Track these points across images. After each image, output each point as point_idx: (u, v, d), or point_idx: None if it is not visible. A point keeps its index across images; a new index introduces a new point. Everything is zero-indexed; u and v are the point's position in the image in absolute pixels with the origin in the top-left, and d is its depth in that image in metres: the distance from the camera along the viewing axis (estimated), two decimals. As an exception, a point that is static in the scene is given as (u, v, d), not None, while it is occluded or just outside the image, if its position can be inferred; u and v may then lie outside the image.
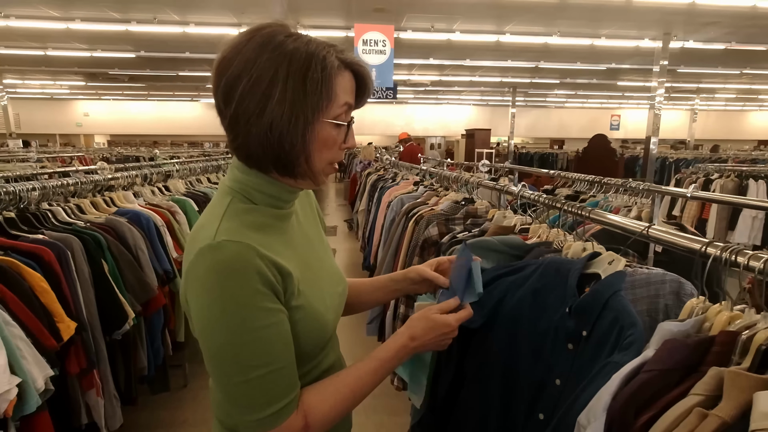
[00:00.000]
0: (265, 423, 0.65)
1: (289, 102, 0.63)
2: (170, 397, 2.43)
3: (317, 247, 0.83)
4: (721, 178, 4.64)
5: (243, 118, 0.65)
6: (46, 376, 1.24)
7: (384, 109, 17.83)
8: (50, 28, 6.93)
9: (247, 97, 0.63)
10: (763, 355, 0.58)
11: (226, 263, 0.62)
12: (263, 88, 0.63)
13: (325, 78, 0.65)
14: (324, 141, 0.68)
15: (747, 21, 6.70)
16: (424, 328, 0.78)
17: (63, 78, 12.41)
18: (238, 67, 0.64)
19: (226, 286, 0.62)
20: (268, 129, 0.64)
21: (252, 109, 0.64)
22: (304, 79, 0.64)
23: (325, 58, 0.65)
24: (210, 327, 0.64)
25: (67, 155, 7.11)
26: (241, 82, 0.63)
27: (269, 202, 0.72)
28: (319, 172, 0.71)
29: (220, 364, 0.65)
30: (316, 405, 0.70)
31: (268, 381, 0.65)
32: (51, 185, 1.92)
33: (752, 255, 0.62)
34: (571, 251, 1.05)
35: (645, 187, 1.71)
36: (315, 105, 0.65)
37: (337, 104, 0.68)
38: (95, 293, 1.63)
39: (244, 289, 0.63)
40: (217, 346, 0.64)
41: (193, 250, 0.65)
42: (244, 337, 0.63)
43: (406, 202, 2.36)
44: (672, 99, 16.47)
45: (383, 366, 0.76)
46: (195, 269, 0.64)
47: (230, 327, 0.63)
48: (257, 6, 6.22)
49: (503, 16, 6.69)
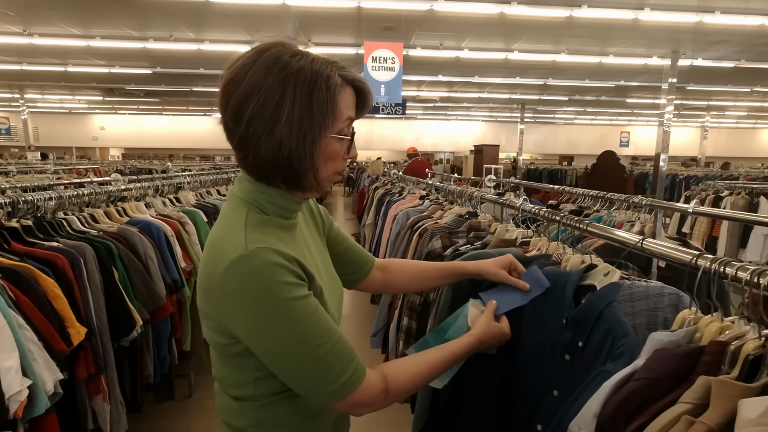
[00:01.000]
0: (347, 387, 0.70)
1: (297, 121, 0.67)
2: (175, 407, 2.45)
3: (317, 255, 0.86)
4: (732, 195, 4.59)
5: (253, 138, 0.68)
6: (56, 379, 1.27)
7: (393, 125, 18.01)
8: (71, 45, 7.18)
9: (256, 117, 0.67)
10: (750, 364, 0.59)
11: (262, 268, 0.66)
12: (272, 108, 0.66)
13: (329, 96, 0.69)
14: (329, 154, 0.73)
15: (756, 39, 6.71)
16: (489, 335, 0.91)
17: (81, 93, 12.79)
18: (246, 89, 0.67)
19: (268, 288, 0.66)
20: (277, 147, 0.68)
21: (261, 129, 0.67)
22: (311, 99, 0.67)
23: (329, 77, 0.69)
24: (266, 329, 0.67)
25: (83, 167, 7.29)
26: (250, 104, 0.66)
27: (279, 213, 0.75)
28: (324, 183, 0.76)
29: (290, 357, 0.68)
30: (396, 372, 0.77)
31: (335, 352, 0.70)
32: (67, 195, 1.98)
33: (740, 266, 0.64)
34: (570, 264, 1.06)
35: (647, 202, 1.72)
36: (321, 122, 0.69)
37: (341, 120, 0.72)
38: (105, 300, 1.67)
39: (283, 286, 0.67)
40: (281, 342, 0.68)
41: (222, 262, 0.67)
42: (302, 326, 0.67)
43: (412, 215, 2.39)
44: (682, 116, 16.41)
45: (453, 358, 0.85)
46: (232, 279, 0.66)
47: (287, 322, 0.67)
48: (270, 25, 6.41)
49: (511, 34, 6.79)
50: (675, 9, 5.45)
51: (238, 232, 0.69)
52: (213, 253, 0.70)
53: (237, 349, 0.72)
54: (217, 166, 8.61)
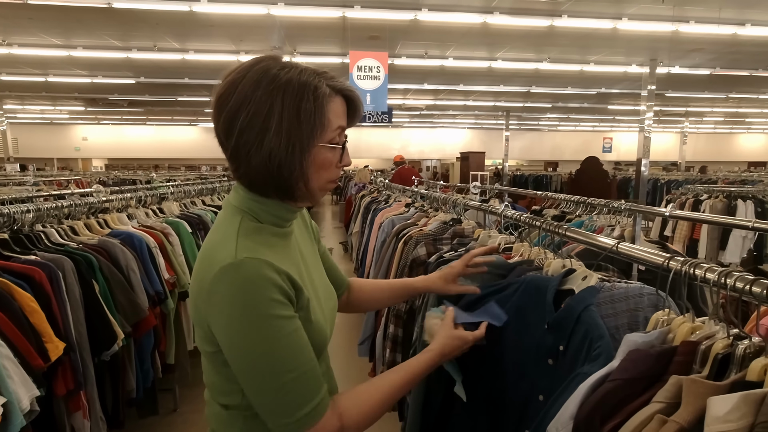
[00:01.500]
0: (302, 423, 0.69)
1: (285, 132, 0.68)
2: (159, 422, 2.40)
3: (311, 264, 0.87)
4: (711, 198, 4.71)
5: (243, 150, 0.69)
6: (32, 396, 1.24)
7: (380, 133, 18.09)
8: (52, 55, 7.09)
9: (246, 130, 0.68)
10: (720, 363, 0.61)
11: (249, 279, 0.66)
12: (261, 121, 0.68)
13: (317, 107, 0.70)
14: (321, 164, 0.74)
15: (729, 48, 6.93)
16: (453, 346, 0.89)
17: (63, 103, 12.60)
18: (236, 103, 0.68)
19: (251, 301, 0.66)
20: (267, 159, 0.69)
21: (252, 141, 0.68)
22: (298, 111, 0.69)
23: (316, 88, 0.70)
24: (241, 341, 0.67)
25: (64, 178, 7.16)
26: (240, 117, 0.68)
27: (274, 221, 0.76)
28: (316, 192, 0.77)
29: (255, 375, 0.68)
30: (350, 407, 0.74)
31: (300, 382, 0.69)
32: (45, 207, 1.95)
33: (708, 268, 0.66)
34: (551, 268, 1.08)
35: (626, 207, 1.76)
36: (309, 133, 0.70)
37: (330, 129, 0.73)
38: (85, 313, 1.63)
39: (268, 302, 0.67)
40: (251, 358, 0.67)
41: (212, 268, 0.68)
42: (274, 346, 0.67)
43: (397, 223, 2.40)
44: (662, 122, 16.81)
45: (414, 377, 0.83)
46: (219, 287, 0.67)
47: (261, 338, 0.67)
48: (255, 35, 6.42)
49: (495, 43, 6.90)
50: (652, 19, 5.62)
51: (230, 240, 0.70)
52: (204, 260, 0.71)
53: (224, 357, 0.71)
54: (202, 176, 8.54)
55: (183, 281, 2.38)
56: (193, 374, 2.63)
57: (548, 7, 5.31)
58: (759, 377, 0.55)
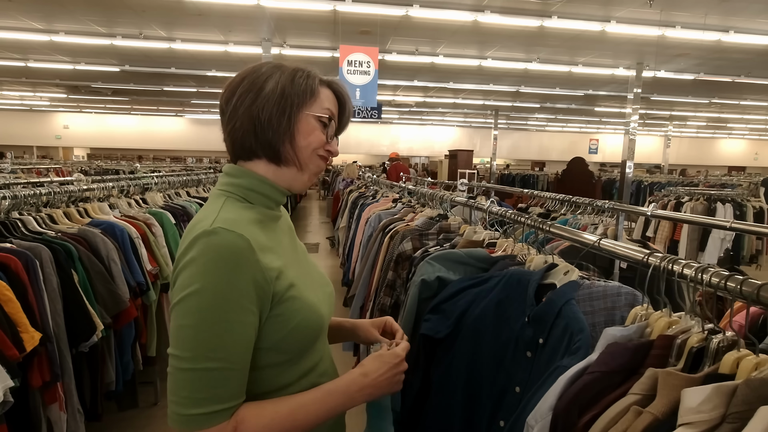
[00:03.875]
0: (194, 421, 0.64)
1: (279, 92, 0.75)
2: (139, 415, 2.36)
3: (300, 255, 0.87)
4: (692, 201, 4.81)
5: (241, 107, 0.75)
6: (6, 387, 1.21)
7: (369, 129, 18.05)
8: (32, 39, 6.88)
9: (245, 93, 0.75)
10: (695, 356, 0.62)
11: (217, 249, 0.65)
12: (259, 85, 0.75)
13: (309, 80, 0.77)
14: (308, 131, 0.77)
15: (714, 54, 7.08)
16: (376, 365, 0.78)
17: (43, 90, 12.26)
18: (239, 77, 0.77)
19: (211, 270, 0.64)
20: (260, 111, 0.74)
21: (248, 100, 0.75)
22: (292, 78, 0.76)
23: (309, 72, 0.78)
24: (182, 305, 0.64)
25: (44, 167, 6.98)
26: (241, 84, 0.76)
27: (263, 202, 0.77)
28: (305, 161, 0.77)
29: (177, 344, 0.65)
30: (249, 419, 0.67)
31: (216, 378, 0.64)
32: (22, 194, 1.90)
33: (685, 264, 0.67)
34: (533, 264, 1.09)
35: (610, 206, 1.79)
36: (301, 95, 0.76)
37: (319, 104, 0.77)
38: (63, 304, 1.60)
39: (228, 279, 0.64)
40: (182, 324, 0.64)
41: (187, 239, 0.68)
42: (210, 324, 0.64)
43: (384, 218, 2.39)
44: (647, 125, 17.11)
45: (330, 397, 0.73)
46: (188, 252, 0.66)
47: (200, 309, 0.63)
48: (244, 25, 6.32)
49: (485, 41, 6.93)
50: (639, 22, 5.70)
51: (211, 214, 0.70)
52: (185, 236, 0.70)
53: None
54: (188, 168, 8.41)
55: (166, 273, 2.34)
56: (175, 367, 2.59)
57: (538, 8, 5.34)
58: (731, 370, 0.56)
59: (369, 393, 0.76)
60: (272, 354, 0.72)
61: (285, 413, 0.69)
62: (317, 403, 0.72)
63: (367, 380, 0.76)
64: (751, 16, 5.51)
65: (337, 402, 0.74)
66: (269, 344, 0.71)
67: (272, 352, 0.72)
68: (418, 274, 1.20)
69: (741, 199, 4.73)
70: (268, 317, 0.70)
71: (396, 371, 0.79)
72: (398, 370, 0.80)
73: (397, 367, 0.79)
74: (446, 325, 1.07)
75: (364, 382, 0.76)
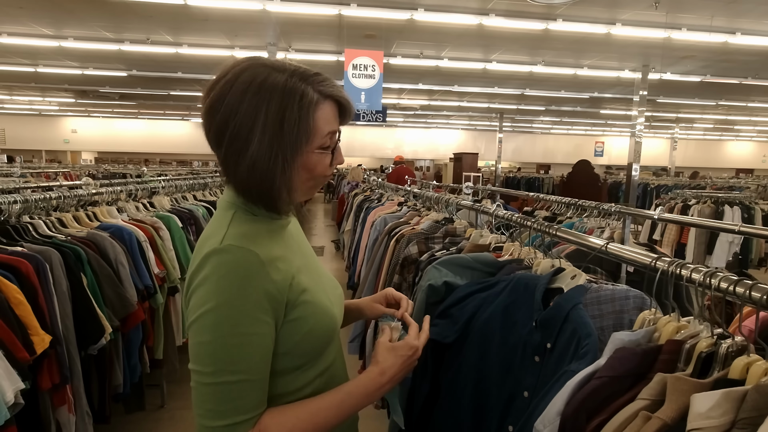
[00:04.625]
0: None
1: (268, 142, 0.68)
2: (146, 417, 2.37)
3: (310, 258, 0.87)
4: (699, 203, 4.78)
5: (232, 159, 0.70)
6: (17, 389, 1.22)
7: (374, 132, 18.07)
8: (42, 45, 6.97)
9: (234, 140, 0.69)
10: (704, 361, 0.62)
11: (228, 266, 0.67)
12: (246, 132, 0.68)
13: (302, 116, 0.69)
14: (312, 167, 0.74)
15: (720, 56, 7.03)
16: (391, 361, 0.78)
17: (52, 94, 12.40)
18: (224, 113, 0.69)
19: (224, 287, 0.66)
20: (251, 168, 0.69)
21: (238, 151, 0.69)
22: (282, 121, 0.68)
23: (303, 95, 0.69)
24: (199, 322, 0.66)
25: (53, 171, 7.05)
26: (228, 128, 0.69)
27: (268, 215, 0.76)
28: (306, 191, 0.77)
29: (198, 360, 0.66)
30: (272, 427, 0.68)
31: (237, 390, 0.66)
32: (33, 199, 1.92)
33: (694, 269, 0.67)
34: (540, 268, 1.09)
35: (616, 209, 1.78)
36: (294, 142, 0.69)
37: (319, 135, 0.72)
38: (72, 306, 1.61)
39: (241, 293, 0.66)
40: (200, 341, 0.66)
41: (199, 256, 0.69)
42: (227, 339, 0.65)
43: (389, 221, 2.40)
44: (653, 128, 17.01)
45: (350, 398, 0.74)
46: (200, 271, 0.67)
47: (218, 325, 0.65)
48: (250, 30, 6.37)
49: (490, 45, 6.93)
50: (645, 25, 5.68)
51: (221, 230, 0.71)
52: (196, 252, 0.72)
53: None
54: (194, 171, 8.47)
55: (173, 276, 2.36)
56: (182, 370, 2.61)
57: (543, 11, 5.34)
58: (741, 375, 0.56)
59: (387, 389, 0.77)
60: (288, 358, 0.73)
61: (306, 417, 0.71)
62: (337, 405, 0.73)
63: (385, 378, 0.76)
64: (757, 17, 5.48)
65: (356, 402, 0.75)
66: (285, 349, 0.72)
67: (288, 356, 0.73)
68: (425, 278, 1.20)
69: (749, 202, 4.69)
70: (283, 323, 0.71)
71: (411, 361, 0.80)
72: (413, 360, 0.80)
73: (412, 357, 0.80)
74: (454, 330, 1.07)
75: (382, 381, 0.76)
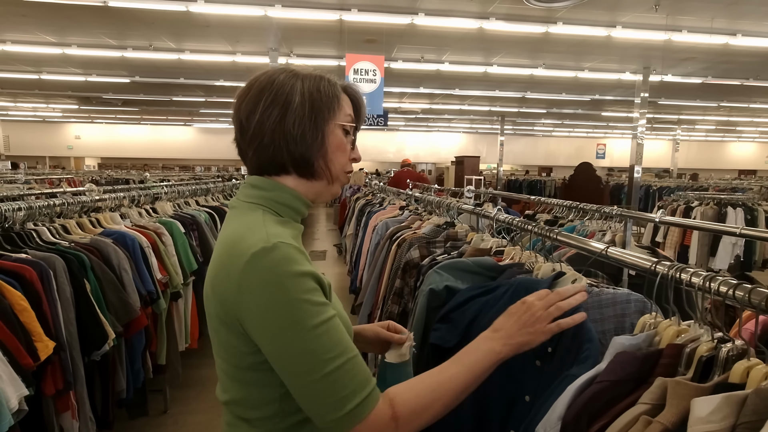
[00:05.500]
0: (353, 416, 0.64)
1: (308, 105, 0.73)
2: (149, 423, 2.38)
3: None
4: (701, 205, 4.76)
5: (268, 123, 0.72)
6: (21, 395, 1.23)
7: (376, 136, 18.12)
8: (46, 53, 7.03)
9: (270, 106, 0.72)
10: (704, 365, 0.62)
11: (284, 263, 0.65)
12: (284, 98, 0.72)
13: (332, 88, 0.76)
14: (338, 144, 0.77)
15: (721, 57, 7.03)
16: (504, 320, 0.75)
17: (56, 101, 12.49)
18: (256, 89, 0.74)
19: (288, 285, 0.64)
20: (291, 127, 0.72)
21: (276, 114, 0.72)
22: (318, 89, 0.74)
23: (329, 79, 0.77)
24: (281, 329, 0.64)
25: (56, 177, 7.10)
26: (263, 97, 0.73)
27: (292, 216, 0.77)
28: (335, 175, 0.78)
29: (298, 364, 0.64)
30: (402, 393, 0.68)
31: (346, 371, 0.65)
32: (37, 206, 1.93)
33: (693, 272, 0.67)
34: (541, 272, 1.09)
35: (617, 212, 1.78)
36: (329, 106, 0.75)
37: (344, 112, 0.77)
38: (76, 313, 1.62)
39: (304, 286, 0.65)
40: (292, 345, 0.64)
41: (241, 258, 0.65)
42: (315, 332, 0.64)
43: (391, 225, 2.40)
44: (654, 129, 16.98)
45: (465, 355, 0.72)
46: (252, 273, 0.65)
47: (300, 324, 0.64)
48: (252, 36, 6.41)
49: (490, 48, 6.95)
50: (645, 27, 5.69)
51: (258, 229, 0.69)
52: (231, 252, 0.67)
53: (260, 358, 0.68)
54: (197, 176, 8.50)
55: (175, 281, 2.37)
56: (184, 376, 2.61)
57: (543, 14, 5.36)
58: (741, 379, 0.56)
59: (505, 352, 0.73)
60: None
61: (431, 382, 0.69)
62: (452, 364, 0.71)
63: (497, 335, 0.73)
64: (758, 19, 5.48)
65: (470, 360, 0.72)
66: None
67: None
68: (426, 283, 1.21)
69: (752, 204, 4.67)
70: None
71: (527, 319, 0.74)
72: (531, 317, 0.74)
73: (526, 314, 0.74)
74: (455, 334, 1.07)
75: (494, 337, 0.73)
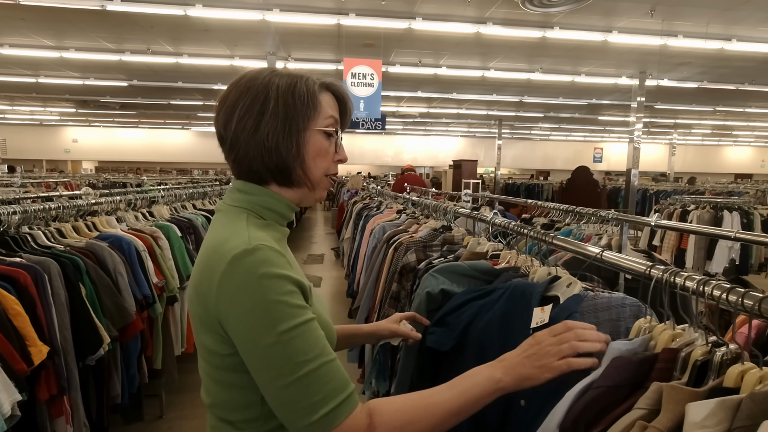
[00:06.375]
0: (326, 421, 0.63)
1: (281, 114, 0.72)
2: (144, 428, 2.36)
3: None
4: (698, 209, 4.78)
5: (243, 135, 0.73)
6: (14, 401, 1.22)
7: (374, 140, 18.15)
8: (43, 56, 7.03)
9: (245, 117, 0.72)
10: (699, 369, 0.62)
11: (263, 265, 0.65)
12: (258, 107, 0.72)
13: (309, 91, 0.74)
14: (317, 150, 0.76)
15: (717, 62, 7.08)
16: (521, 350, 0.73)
17: (53, 104, 12.47)
18: (233, 97, 0.74)
19: (266, 287, 0.64)
20: (265, 139, 0.72)
21: (250, 125, 0.72)
22: (293, 94, 0.73)
23: (307, 80, 0.76)
24: (256, 329, 0.64)
25: (53, 180, 7.07)
26: (238, 107, 0.73)
27: (277, 220, 0.77)
28: (316, 181, 0.78)
29: (270, 366, 0.64)
30: (383, 405, 0.66)
31: (321, 375, 0.64)
32: (32, 209, 1.92)
33: (687, 276, 0.67)
34: (537, 275, 1.09)
35: (613, 216, 1.79)
36: (304, 114, 0.74)
37: (323, 116, 0.76)
38: (71, 317, 1.61)
39: (281, 288, 0.65)
40: (266, 346, 0.64)
41: (222, 260, 0.66)
42: (290, 334, 0.64)
43: (388, 229, 2.40)
44: (651, 133, 17.08)
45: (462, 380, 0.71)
46: (232, 275, 0.65)
47: (275, 325, 0.64)
48: (250, 39, 6.43)
49: (488, 53, 6.98)
50: (641, 32, 5.73)
51: (241, 231, 0.69)
52: (214, 255, 0.68)
53: (239, 360, 0.68)
54: (194, 180, 8.49)
55: (172, 285, 2.36)
56: (180, 380, 2.59)
57: (540, 19, 5.39)
58: (735, 383, 0.56)
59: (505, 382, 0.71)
60: None
61: (416, 398, 0.68)
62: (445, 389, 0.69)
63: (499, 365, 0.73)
64: (753, 24, 5.53)
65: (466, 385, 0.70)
66: None
67: None
68: (422, 286, 1.20)
69: (748, 207, 4.70)
70: None
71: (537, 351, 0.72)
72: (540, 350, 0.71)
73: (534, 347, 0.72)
74: (451, 337, 1.06)
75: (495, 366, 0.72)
